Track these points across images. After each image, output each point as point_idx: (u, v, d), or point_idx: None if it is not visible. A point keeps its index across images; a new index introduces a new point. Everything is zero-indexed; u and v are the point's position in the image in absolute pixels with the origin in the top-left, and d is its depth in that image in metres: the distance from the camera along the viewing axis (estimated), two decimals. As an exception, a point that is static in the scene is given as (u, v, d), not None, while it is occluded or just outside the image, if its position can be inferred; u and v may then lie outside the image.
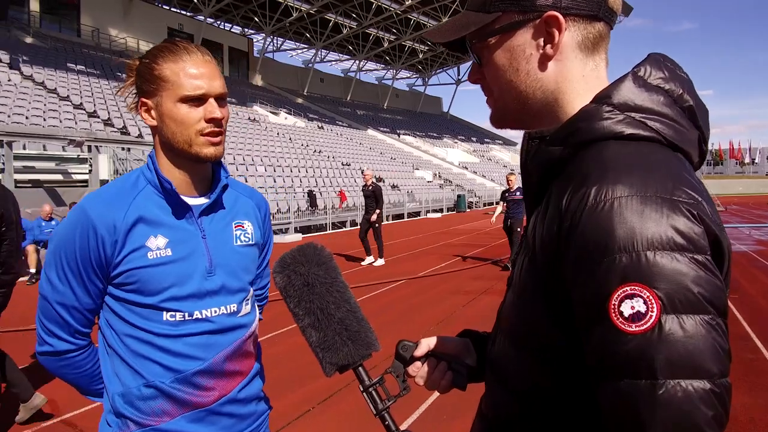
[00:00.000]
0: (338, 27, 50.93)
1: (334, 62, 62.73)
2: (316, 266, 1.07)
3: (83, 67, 29.34)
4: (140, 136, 21.41)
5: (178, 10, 45.16)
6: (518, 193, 10.52)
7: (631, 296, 0.67)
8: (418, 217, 28.78)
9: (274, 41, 54.32)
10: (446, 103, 78.98)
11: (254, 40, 53.17)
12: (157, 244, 1.33)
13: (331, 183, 27.14)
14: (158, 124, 1.37)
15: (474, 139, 64.36)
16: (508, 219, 10.86)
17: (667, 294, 0.66)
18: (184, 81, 1.32)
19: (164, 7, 44.06)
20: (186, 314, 1.35)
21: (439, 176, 40.33)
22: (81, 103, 23.18)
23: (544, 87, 0.87)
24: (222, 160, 1.46)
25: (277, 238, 17.56)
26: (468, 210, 33.14)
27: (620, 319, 0.67)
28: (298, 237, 17.93)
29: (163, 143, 1.39)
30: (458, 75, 70.36)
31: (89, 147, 16.82)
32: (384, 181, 31.66)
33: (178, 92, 1.32)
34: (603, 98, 0.82)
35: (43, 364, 1.42)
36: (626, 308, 0.67)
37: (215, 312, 1.39)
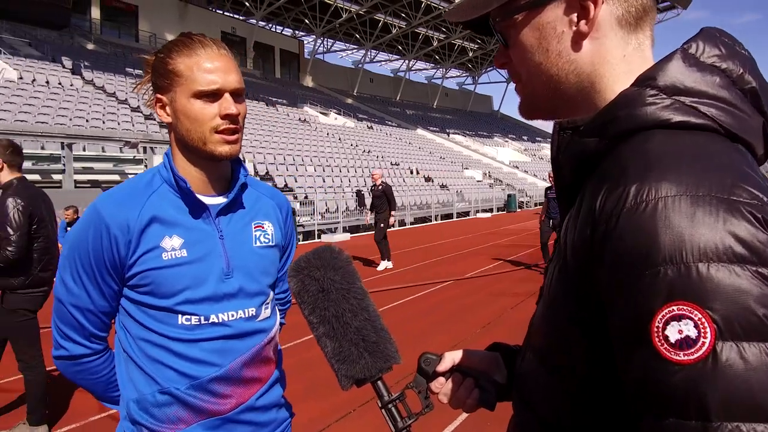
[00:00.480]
0: (387, 27, 50.99)
1: (383, 62, 62.92)
2: (333, 271, 0.98)
3: (141, 71, 30.11)
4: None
5: (231, 14, 46.20)
6: None
7: (678, 318, 0.55)
8: (468, 217, 28.49)
9: (324, 42, 54.85)
10: (497, 102, 78.11)
11: (305, 42, 53.87)
12: (172, 245, 1.28)
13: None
14: (173, 120, 1.32)
15: (525, 137, 63.31)
16: (550, 219, 10.05)
17: (724, 316, 0.54)
18: (197, 75, 1.26)
19: (217, 11, 45.16)
20: (202, 318, 1.30)
21: (489, 175, 39.83)
22: (138, 106, 23.94)
23: (578, 70, 0.75)
24: (241, 157, 1.41)
25: (325, 238, 17.71)
26: (518, 210, 32.59)
27: (665, 345, 0.56)
28: (347, 236, 18.00)
29: (178, 141, 1.34)
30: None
31: (144, 148, 17.35)
32: (433, 181, 31.48)
33: (191, 87, 1.27)
34: (646, 80, 0.69)
35: (59, 369, 1.40)
36: (672, 332, 0.55)
37: (232, 316, 1.33)
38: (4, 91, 19.72)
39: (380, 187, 11.39)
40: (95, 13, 36.24)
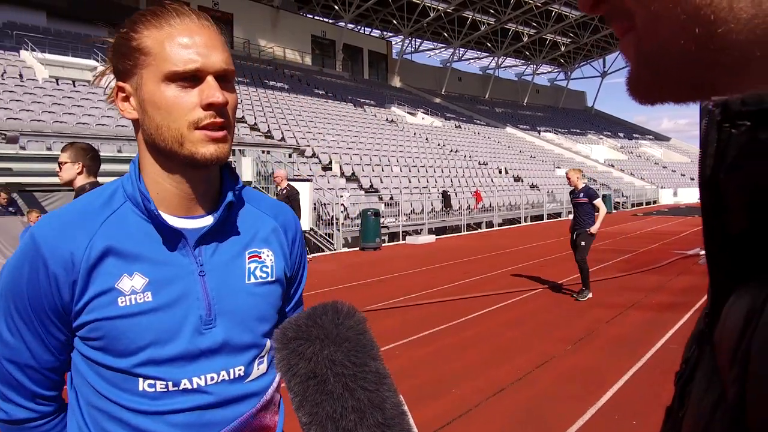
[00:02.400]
0: (476, 24, 50.17)
1: (471, 60, 62.13)
2: (333, 346, 0.57)
3: (234, 76, 31.58)
4: (282, 139, 22.52)
5: (321, 18, 47.11)
6: (582, 195, 8.31)
7: None
8: (559, 219, 27.31)
9: (412, 42, 54.82)
10: (590, 98, 74.91)
11: (393, 43, 54.04)
12: (132, 286, 0.96)
13: (467, 183, 26.60)
14: (139, 115, 0.99)
15: (621, 134, 60.32)
16: (574, 230, 8.35)
17: None
18: (170, 52, 0.94)
19: (308, 16, 46.21)
20: (170, 383, 0.98)
21: (583, 175, 38.22)
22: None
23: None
24: (232, 164, 1.09)
25: (409, 239, 17.44)
26: (614, 211, 30.91)
27: None
28: (432, 238, 17.67)
29: (147, 142, 1.01)
30: (604, 67, 66.57)
31: (234, 150, 17.85)
32: (522, 181, 30.52)
33: (162, 68, 0.94)
34: None
35: None
36: None
37: (212, 379, 1.00)
38: (91, 97, 20.56)
39: (284, 192, 9.85)
40: (193, 21, 38.25)
